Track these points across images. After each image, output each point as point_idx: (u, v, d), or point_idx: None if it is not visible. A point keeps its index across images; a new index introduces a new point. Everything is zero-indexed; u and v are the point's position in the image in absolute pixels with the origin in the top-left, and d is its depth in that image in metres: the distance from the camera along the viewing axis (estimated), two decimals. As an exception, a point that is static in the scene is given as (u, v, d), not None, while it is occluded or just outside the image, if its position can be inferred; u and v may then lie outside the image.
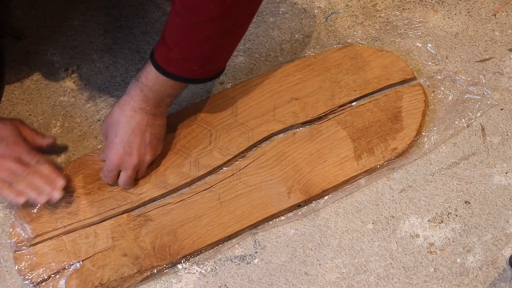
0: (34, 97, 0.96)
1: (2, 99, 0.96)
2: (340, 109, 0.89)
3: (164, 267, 0.80)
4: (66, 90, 0.97)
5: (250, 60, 0.97)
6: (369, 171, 0.84)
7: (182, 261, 0.81)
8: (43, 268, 0.78)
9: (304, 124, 0.88)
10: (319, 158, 0.85)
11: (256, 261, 0.81)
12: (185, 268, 0.81)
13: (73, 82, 0.97)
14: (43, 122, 0.94)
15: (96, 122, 0.93)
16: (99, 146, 0.91)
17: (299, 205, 0.83)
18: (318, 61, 0.92)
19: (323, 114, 0.88)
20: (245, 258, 0.82)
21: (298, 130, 0.88)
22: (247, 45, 0.99)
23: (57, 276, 0.78)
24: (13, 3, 1.04)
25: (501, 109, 0.90)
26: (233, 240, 0.83)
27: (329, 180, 0.83)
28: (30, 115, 0.95)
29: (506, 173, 0.85)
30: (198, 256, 0.82)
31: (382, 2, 1.02)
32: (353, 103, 0.89)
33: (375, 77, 0.90)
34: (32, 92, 0.97)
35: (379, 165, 0.84)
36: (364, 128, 0.87)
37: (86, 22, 1.03)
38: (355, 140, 0.86)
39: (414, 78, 0.91)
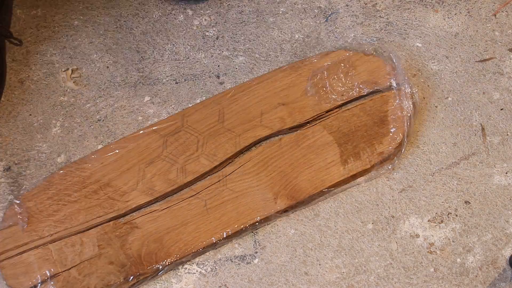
0: (34, 97, 0.96)
1: (2, 99, 0.96)
2: (326, 114, 0.89)
3: (151, 274, 0.80)
4: (66, 90, 0.97)
5: (250, 60, 0.98)
6: (355, 176, 0.84)
7: (169, 268, 0.81)
8: (29, 277, 0.78)
9: (291, 129, 0.88)
10: (305, 163, 0.85)
11: (256, 261, 0.81)
12: (185, 268, 0.81)
13: (73, 82, 0.97)
14: (43, 122, 0.94)
15: (96, 122, 0.93)
16: (99, 146, 0.91)
17: (285, 211, 0.83)
18: (305, 67, 0.92)
19: (310, 119, 0.88)
20: (245, 258, 0.82)
21: (284, 135, 0.88)
22: (247, 45, 0.99)
23: (43, 285, 0.78)
24: (14, 3, 1.04)
25: (501, 109, 0.90)
26: (233, 240, 0.83)
27: (316, 185, 0.83)
28: (30, 115, 0.95)
29: (506, 173, 0.85)
30: (198, 256, 0.82)
31: (382, 2, 1.02)
32: (341, 108, 0.89)
33: (362, 82, 0.90)
34: (32, 92, 0.97)
35: (366, 169, 0.84)
36: (351, 132, 0.87)
37: (86, 22, 1.03)
38: (341, 145, 0.86)
39: (401, 83, 0.90)
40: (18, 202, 0.84)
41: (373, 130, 0.86)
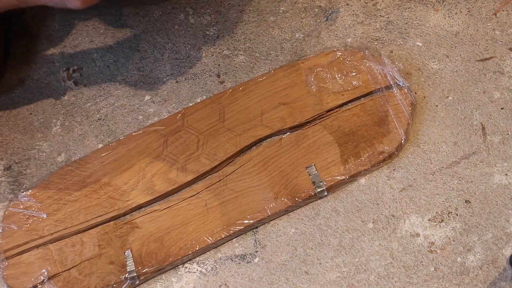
0: (35, 96, 0.96)
1: (3, 97, 0.96)
2: (327, 113, 0.89)
3: (151, 274, 0.80)
4: (67, 89, 0.97)
5: (250, 59, 0.97)
6: (356, 175, 0.84)
7: (169, 268, 0.81)
8: (30, 277, 0.78)
9: (292, 129, 0.88)
10: (305, 163, 0.85)
11: (256, 260, 0.82)
12: (186, 267, 0.81)
13: (74, 81, 0.97)
14: (43, 121, 0.94)
15: (97, 121, 0.93)
16: (100, 145, 0.91)
17: (286, 210, 0.83)
18: (306, 66, 0.92)
19: (311, 119, 0.88)
20: (245, 257, 0.82)
21: (285, 135, 0.88)
22: (247, 44, 0.99)
23: (44, 285, 0.78)
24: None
25: (501, 108, 0.90)
26: (234, 239, 0.83)
27: None
28: (30, 114, 0.95)
29: (507, 172, 0.85)
30: (198, 256, 0.82)
31: (383, 1, 1.02)
32: (341, 108, 0.89)
33: (362, 81, 0.90)
34: (33, 91, 0.97)
35: (366, 169, 0.84)
36: (351, 132, 0.87)
37: (86, 21, 1.03)
38: (341, 145, 0.86)
39: (401, 83, 0.90)
40: (18, 201, 0.84)
41: (373, 129, 0.86)
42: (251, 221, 0.81)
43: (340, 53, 0.93)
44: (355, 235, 0.82)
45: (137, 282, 0.79)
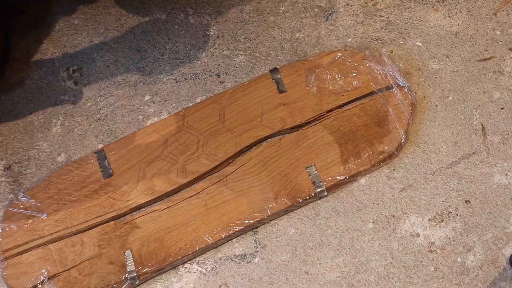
0: (35, 96, 0.96)
1: (3, 97, 0.96)
2: (327, 114, 0.89)
3: (151, 274, 0.80)
4: (67, 89, 0.97)
5: (250, 59, 0.97)
6: (356, 175, 0.84)
7: (170, 268, 0.81)
8: (30, 277, 0.78)
9: (292, 129, 0.88)
10: (305, 163, 0.85)
11: (256, 260, 0.82)
12: (186, 267, 0.81)
13: (74, 81, 0.97)
14: (43, 121, 0.94)
15: (97, 121, 0.93)
16: (99, 146, 0.91)
17: (286, 210, 0.83)
18: (306, 66, 0.92)
19: (311, 119, 0.88)
20: (245, 257, 0.82)
21: (285, 135, 0.88)
22: (247, 44, 0.99)
23: (44, 285, 0.78)
24: (14, 2, 1.04)
25: (501, 108, 0.90)
26: (234, 239, 0.83)
27: None
28: (30, 114, 0.95)
29: (507, 172, 0.85)
30: (198, 256, 0.82)
31: (383, 1, 1.02)
32: (341, 108, 0.89)
33: (362, 82, 0.90)
34: (33, 91, 0.97)
35: (366, 169, 0.84)
36: (351, 132, 0.87)
37: (86, 21, 1.03)
38: (341, 145, 0.86)
39: (401, 83, 0.90)
40: (18, 201, 0.84)
41: (373, 129, 0.86)
42: (251, 221, 0.81)
43: (340, 54, 0.93)
44: (355, 235, 0.82)
45: (137, 282, 0.79)
